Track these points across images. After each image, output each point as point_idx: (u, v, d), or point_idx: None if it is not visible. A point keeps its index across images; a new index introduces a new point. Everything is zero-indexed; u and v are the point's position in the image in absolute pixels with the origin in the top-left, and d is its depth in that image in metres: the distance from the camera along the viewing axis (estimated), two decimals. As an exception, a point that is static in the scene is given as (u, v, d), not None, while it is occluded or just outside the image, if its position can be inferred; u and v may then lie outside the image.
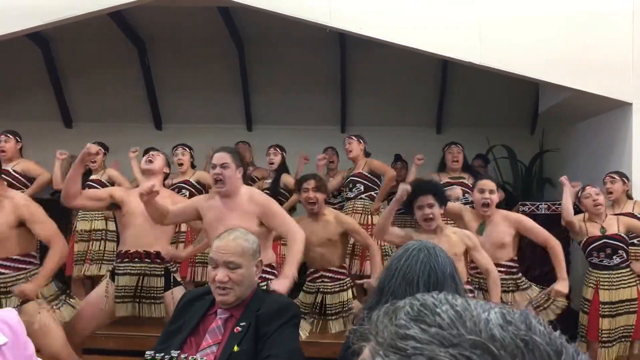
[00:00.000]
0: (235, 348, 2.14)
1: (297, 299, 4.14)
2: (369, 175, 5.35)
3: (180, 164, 5.54)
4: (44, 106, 7.56)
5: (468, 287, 3.41)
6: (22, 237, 3.40)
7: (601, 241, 4.09)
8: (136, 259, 3.73)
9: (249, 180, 5.24)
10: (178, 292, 3.63)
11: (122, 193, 3.84)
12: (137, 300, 3.75)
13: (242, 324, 2.20)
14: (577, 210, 5.43)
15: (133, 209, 3.73)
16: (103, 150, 5.73)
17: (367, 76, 7.23)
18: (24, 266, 3.42)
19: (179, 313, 2.35)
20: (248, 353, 2.14)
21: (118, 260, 3.80)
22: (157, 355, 2.08)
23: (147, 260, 3.74)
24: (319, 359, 3.56)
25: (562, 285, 3.74)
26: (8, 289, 3.33)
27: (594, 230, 4.13)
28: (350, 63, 7.15)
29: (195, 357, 2.07)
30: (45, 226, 3.40)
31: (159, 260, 3.76)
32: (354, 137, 5.51)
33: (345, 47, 6.94)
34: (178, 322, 2.30)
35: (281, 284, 2.83)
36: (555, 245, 3.81)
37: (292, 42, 6.84)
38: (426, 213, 3.34)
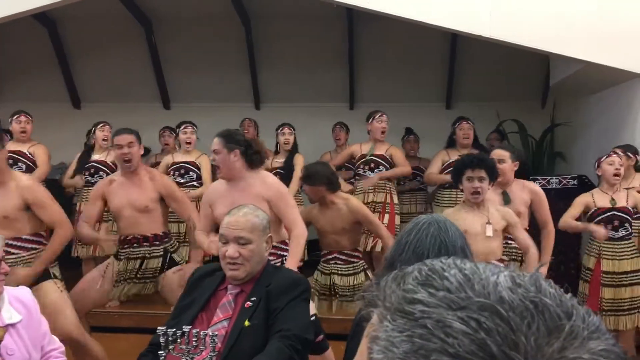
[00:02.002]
0: (246, 323, 2.16)
1: (313, 278, 4.15)
2: (390, 160, 5.38)
3: (189, 143, 5.45)
4: (51, 87, 7.56)
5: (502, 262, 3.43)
6: (32, 218, 3.39)
7: (610, 213, 4.07)
8: (135, 244, 3.75)
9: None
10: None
11: (105, 193, 3.78)
12: (135, 281, 3.77)
13: (252, 299, 2.22)
14: (586, 185, 5.40)
15: (117, 204, 3.74)
16: (109, 128, 5.50)
17: (375, 52, 7.16)
18: (33, 246, 3.43)
19: (190, 289, 2.37)
20: (259, 328, 2.16)
21: (119, 246, 3.82)
22: (168, 330, 2.10)
23: (145, 243, 3.75)
24: (328, 335, 3.57)
25: (543, 268, 3.75)
26: None
27: (603, 201, 4.11)
28: (358, 39, 7.08)
29: (206, 332, 2.09)
30: (49, 210, 3.38)
31: (157, 242, 3.79)
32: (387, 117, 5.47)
33: (352, 22, 6.87)
34: (189, 298, 2.32)
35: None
36: (552, 231, 3.89)
37: (299, 19, 6.78)
38: (475, 186, 3.32)
